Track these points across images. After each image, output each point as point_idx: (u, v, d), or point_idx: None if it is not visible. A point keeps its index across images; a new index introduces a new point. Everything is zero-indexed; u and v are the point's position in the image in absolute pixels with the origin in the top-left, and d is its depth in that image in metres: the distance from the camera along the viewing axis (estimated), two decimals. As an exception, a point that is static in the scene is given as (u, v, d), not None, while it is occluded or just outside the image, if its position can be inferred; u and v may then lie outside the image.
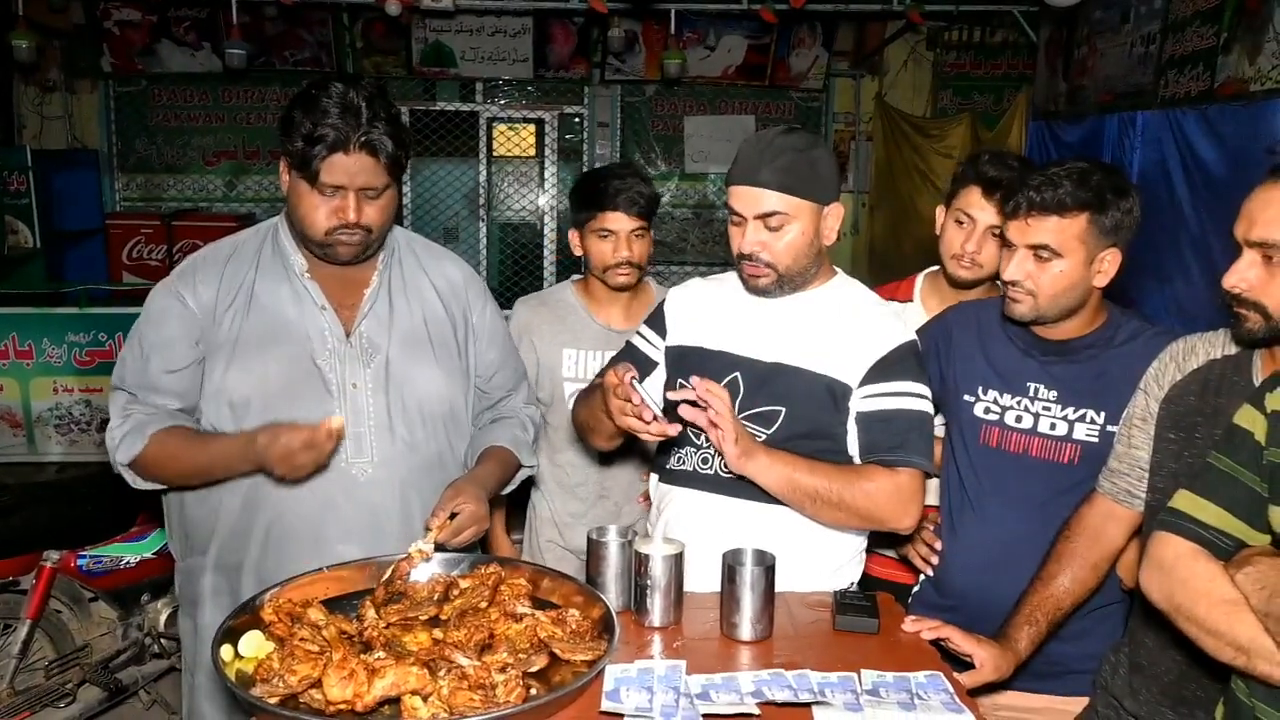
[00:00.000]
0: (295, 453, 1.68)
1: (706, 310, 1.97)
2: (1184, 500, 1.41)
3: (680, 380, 1.87)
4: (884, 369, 1.82)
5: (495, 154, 8.35)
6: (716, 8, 6.72)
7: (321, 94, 1.72)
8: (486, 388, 2.06)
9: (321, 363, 1.84)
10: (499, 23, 7.62)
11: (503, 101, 8.27)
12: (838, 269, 1.97)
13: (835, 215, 1.85)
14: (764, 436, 1.83)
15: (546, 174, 8.26)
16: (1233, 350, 1.60)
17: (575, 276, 2.62)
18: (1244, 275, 1.47)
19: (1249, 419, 1.37)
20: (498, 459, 1.97)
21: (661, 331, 2.01)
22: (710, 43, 7.85)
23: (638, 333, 2.07)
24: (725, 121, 8.28)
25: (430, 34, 7.68)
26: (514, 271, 8.28)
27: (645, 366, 2.00)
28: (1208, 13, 4.10)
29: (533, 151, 8.41)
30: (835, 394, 1.83)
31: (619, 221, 2.39)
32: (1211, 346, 1.64)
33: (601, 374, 2.05)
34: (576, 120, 8.36)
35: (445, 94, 8.21)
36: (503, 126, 8.36)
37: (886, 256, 7.42)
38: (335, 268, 1.86)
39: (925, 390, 1.85)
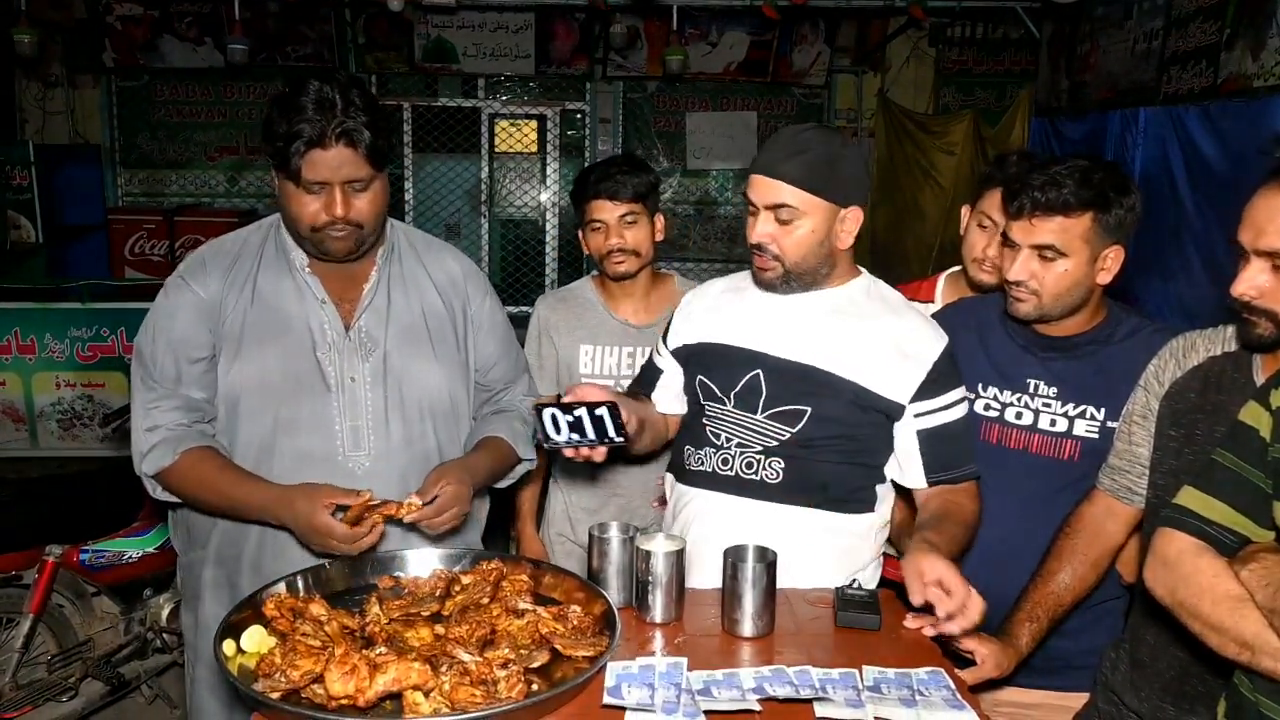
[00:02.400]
0: (341, 540, 1.67)
1: (725, 306, 1.97)
2: (1188, 497, 1.41)
3: None
4: (934, 383, 1.82)
5: (497, 150, 8.34)
6: (719, 4, 6.71)
7: (296, 92, 1.71)
8: (485, 380, 2.06)
9: (321, 356, 1.85)
10: (501, 19, 7.61)
11: (505, 98, 8.27)
12: (862, 269, 1.95)
13: (854, 219, 1.83)
14: (789, 435, 1.82)
15: (548, 170, 8.26)
16: (1233, 347, 1.60)
17: (595, 272, 2.62)
18: (1253, 283, 1.45)
19: (1254, 416, 1.37)
20: (491, 448, 1.96)
21: (666, 340, 2.05)
22: (712, 39, 7.84)
23: (655, 347, 2.11)
24: (727, 118, 8.28)
25: (432, 30, 7.67)
26: (516, 268, 8.29)
27: (653, 376, 2.06)
28: (1210, 9, 4.10)
29: (535, 148, 8.41)
30: (870, 403, 1.82)
31: (604, 210, 2.40)
32: (1212, 343, 1.64)
33: (631, 390, 2.12)
34: (578, 116, 8.36)
35: (447, 90, 8.21)
36: (504, 123, 8.35)
37: (888, 253, 7.42)
38: (337, 262, 1.86)
39: (964, 389, 1.89)
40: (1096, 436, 1.85)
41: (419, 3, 6.18)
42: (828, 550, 1.84)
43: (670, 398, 2.05)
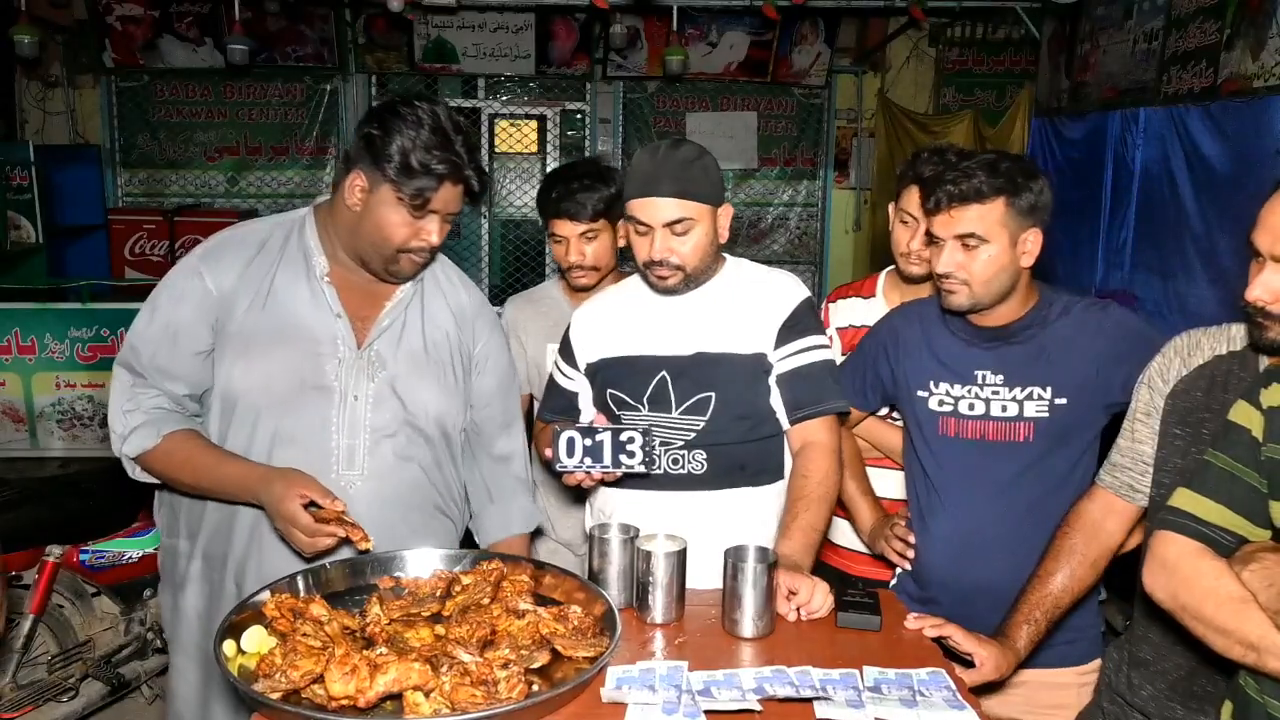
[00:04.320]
0: (301, 533, 1.67)
1: (616, 319, 2.06)
2: (1183, 498, 1.41)
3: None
4: (791, 329, 1.97)
5: (497, 150, 8.34)
6: (719, 4, 6.71)
7: (435, 118, 1.75)
8: (479, 418, 2.05)
9: (329, 370, 1.83)
10: (501, 19, 7.61)
11: (505, 98, 8.27)
12: (726, 255, 2.07)
13: (726, 214, 1.98)
14: (702, 423, 1.93)
15: (549, 170, 8.25)
16: (1238, 346, 1.59)
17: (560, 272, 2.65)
18: (1270, 288, 1.42)
19: (1245, 415, 1.37)
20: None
21: (572, 361, 2.11)
22: (712, 39, 7.84)
23: (556, 366, 2.16)
24: (727, 118, 8.27)
25: (432, 30, 7.67)
26: (515, 268, 8.29)
27: (570, 400, 2.12)
28: (1211, 9, 4.10)
29: (535, 148, 8.41)
30: (758, 366, 1.95)
31: (564, 228, 2.42)
32: (1216, 342, 1.63)
33: (543, 415, 2.17)
34: (578, 117, 8.35)
35: (447, 90, 8.20)
36: (505, 123, 8.35)
37: (888, 252, 7.40)
38: (358, 276, 1.86)
39: (827, 340, 2.03)
40: (1047, 415, 1.92)
41: (419, 3, 6.18)
42: (748, 522, 1.95)
43: (591, 416, 2.10)
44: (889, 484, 2.27)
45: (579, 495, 2.51)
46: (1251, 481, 1.34)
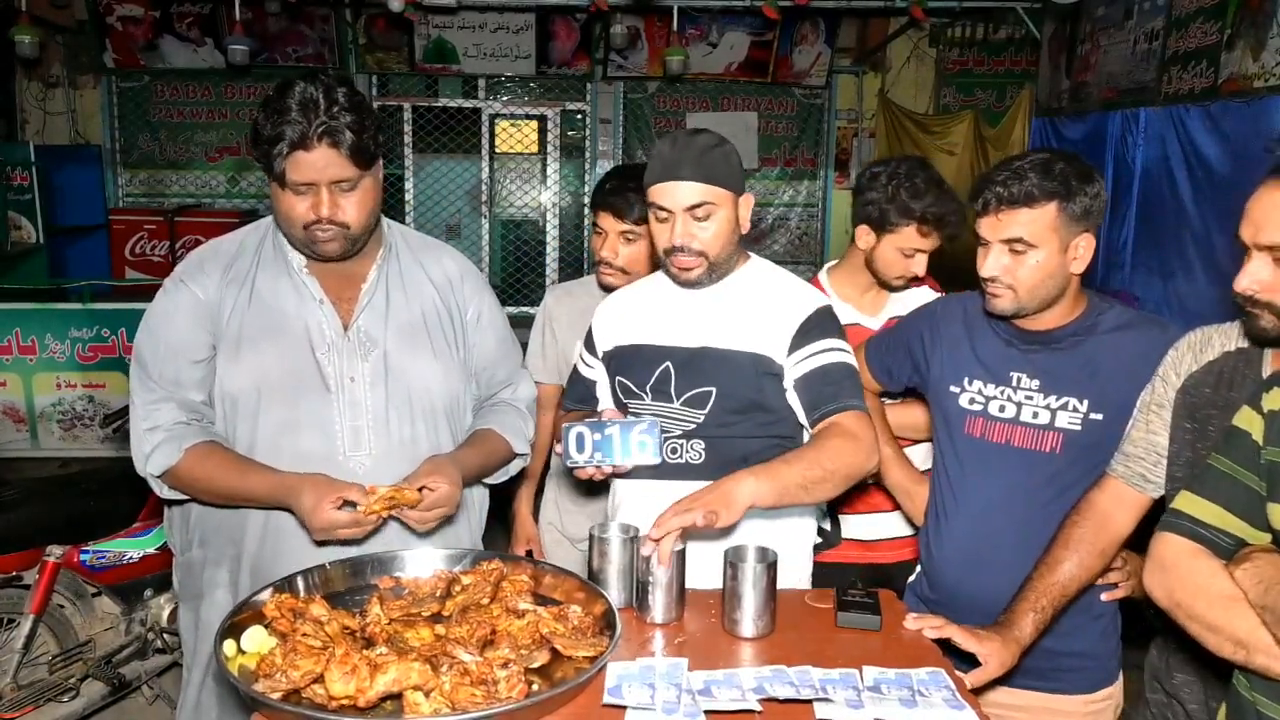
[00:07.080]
0: (345, 529, 1.70)
1: (634, 310, 2.06)
2: (1184, 500, 1.43)
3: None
4: (806, 333, 1.91)
5: (497, 150, 8.35)
6: (719, 4, 6.72)
7: (281, 94, 1.72)
8: (484, 380, 2.06)
9: (320, 356, 1.85)
10: (501, 19, 7.62)
11: (505, 98, 8.27)
12: (751, 254, 2.04)
13: (747, 204, 1.95)
14: (702, 416, 1.92)
15: (549, 170, 8.26)
16: (1245, 343, 1.61)
17: None
18: (1256, 277, 1.45)
19: (1246, 420, 1.39)
20: (482, 442, 1.97)
21: (592, 349, 2.11)
22: (713, 39, 7.85)
23: (579, 355, 2.17)
24: (728, 118, 8.28)
25: (433, 30, 7.68)
26: (516, 268, 8.30)
27: (589, 388, 2.11)
28: (1211, 9, 4.10)
29: (535, 148, 8.42)
30: (761, 367, 1.91)
31: (607, 221, 2.42)
32: (1227, 339, 1.64)
33: (565, 404, 2.16)
34: (579, 117, 8.36)
35: (448, 90, 8.22)
36: (505, 123, 8.36)
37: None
38: (333, 262, 1.86)
39: (847, 345, 1.95)
40: (1079, 429, 1.85)
41: (419, 3, 6.18)
42: (756, 518, 1.85)
43: (604, 402, 2.11)
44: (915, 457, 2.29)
45: (589, 491, 2.52)
46: (1251, 484, 1.36)
